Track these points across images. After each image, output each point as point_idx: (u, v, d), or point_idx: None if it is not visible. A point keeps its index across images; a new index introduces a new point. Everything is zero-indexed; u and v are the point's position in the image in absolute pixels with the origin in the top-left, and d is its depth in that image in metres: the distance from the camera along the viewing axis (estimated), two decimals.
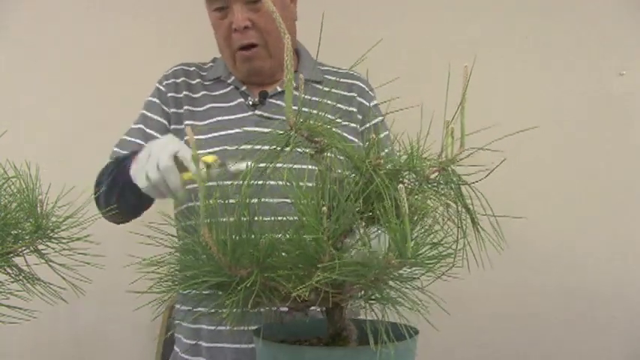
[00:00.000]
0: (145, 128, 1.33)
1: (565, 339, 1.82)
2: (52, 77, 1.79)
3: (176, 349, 1.33)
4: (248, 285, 0.76)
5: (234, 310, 0.79)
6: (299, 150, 0.82)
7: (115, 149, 1.34)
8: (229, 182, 0.86)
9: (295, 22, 1.37)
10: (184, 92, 1.34)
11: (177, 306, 1.33)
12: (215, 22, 1.30)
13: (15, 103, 1.79)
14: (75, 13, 1.82)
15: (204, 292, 0.85)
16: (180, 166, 1.01)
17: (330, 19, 0.85)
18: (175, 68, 1.39)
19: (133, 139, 1.32)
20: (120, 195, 1.15)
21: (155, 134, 1.31)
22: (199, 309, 1.14)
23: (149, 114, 1.34)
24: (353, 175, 0.83)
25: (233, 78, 1.35)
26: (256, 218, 0.81)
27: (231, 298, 0.76)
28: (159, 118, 1.34)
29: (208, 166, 1.02)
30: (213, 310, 0.83)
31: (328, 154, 0.83)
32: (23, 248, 0.83)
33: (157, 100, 1.35)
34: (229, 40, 1.28)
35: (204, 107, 1.32)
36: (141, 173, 1.02)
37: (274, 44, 1.29)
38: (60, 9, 1.81)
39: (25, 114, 1.78)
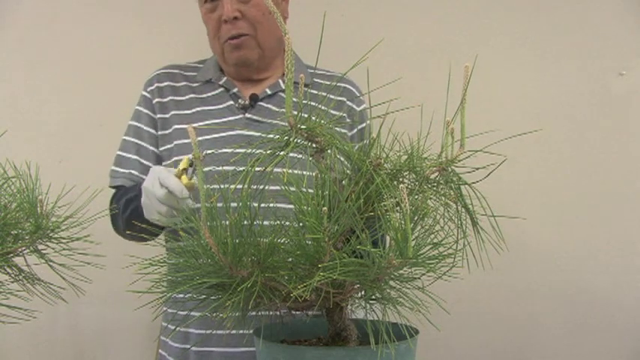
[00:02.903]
0: (137, 141, 1.35)
1: (565, 339, 1.82)
2: (52, 77, 1.79)
3: (162, 352, 1.33)
4: (249, 285, 0.75)
5: (234, 311, 0.79)
6: (298, 156, 0.82)
7: (114, 168, 1.36)
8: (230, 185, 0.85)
9: (286, 19, 1.38)
10: (170, 97, 1.34)
11: (165, 308, 1.32)
12: (205, 15, 1.31)
13: (15, 103, 1.78)
14: (75, 13, 1.82)
15: (195, 297, 0.85)
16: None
17: (330, 20, 0.85)
18: (158, 72, 1.39)
19: (128, 155, 1.34)
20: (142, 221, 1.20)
21: (147, 146, 1.34)
22: (192, 313, 1.16)
23: (139, 124, 1.36)
24: (353, 175, 0.83)
25: (224, 79, 1.34)
26: (257, 221, 0.81)
27: (231, 298, 0.76)
28: (149, 129, 1.35)
29: (186, 169, 1.11)
30: (208, 313, 0.83)
31: (328, 154, 0.83)
32: (23, 248, 0.83)
33: (144, 109, 1.36)
34: (219, 32, 1.29)
35: (193, 110, 1.32)
36: (152, 214, 1.11)
37: (263, 35, 1.29)
38: (60, 9, 1.81)
39: (25, 114, 1.78)
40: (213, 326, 1.19)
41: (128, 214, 1.23)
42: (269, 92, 1.32)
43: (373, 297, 0.84)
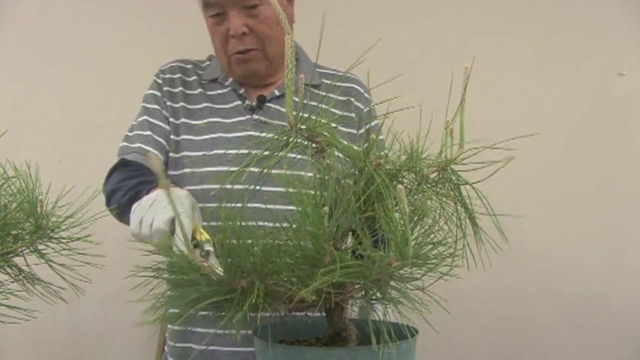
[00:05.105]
0: (149, 119, 1.31)
1: (565, 339, 1.82)
2: (52, 77, 1.79)
3: (166, 349, 1.33)
4: (252, 298, 0.75)
5: (240, 323, 0.78)
6: (299, 156, 0.82)
7: (124, 144, 1.30)
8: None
9: (293, 24, 1.37)
10: (180, 88, 1.34)
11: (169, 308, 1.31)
12: (211, 27, 1.29)
13: (15, 103, 1.78)
14: (75, 13, 1.82)
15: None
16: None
17: (330, 20, 0.85)
18: (172, 64, 1.38)
19: (140, 132, 1.30)
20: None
21: (159, 124, 1.30)
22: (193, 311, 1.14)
23: (150, 105, 1.33)
24: (353, 175, 0.83)
25: (231, 80, 1.34)
26: (254, 223, 0.81)
27: (236, 311, 0.75)
28: (160, 109, 1.32)
29: (197, 243, 0.92)
30: (210, 313, 0.83)
31: (328, 154, 0.83)
32: (23, 248, 0.83)
33: (157, 92, 1.34)
34: (226, 46, 1.28)
35: (201, 106, 1.32)
36: (136, 219, 0.99)
37: (271, 48, 1.28)
38: (60, 9, 1.81)
39: (25, 114, 1.78)
40: (216, 326, 1.19)
41: (128, 198, 1.14)
42: (277, 93, 1.32)
43: (374, 297, 0.83)
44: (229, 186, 0.89)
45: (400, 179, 0.83)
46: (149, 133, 1.29)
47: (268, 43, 1.27)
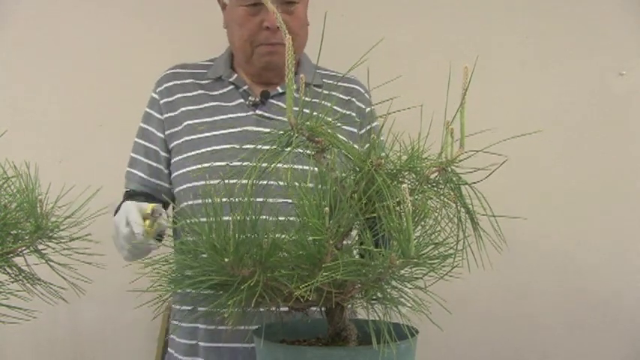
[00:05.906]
0: (146, 143, 1.36)
1: (565, 339, 1.82)
2: (52, 77, 1.79)
3: (170, 350, 1.33)
4: (251, 285, 0.75)
5: (236, 309, 0.79)
6: (300, 150, 0.82)
7: (128, 169, 1.38)
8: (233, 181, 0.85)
9: (308, 26, 1.38)
10: (177, 95, 1.35)
11: (175, 306, 1.32)
12: (243, 16, 1.28)
13: (15, 103, 1.78)
14: (75, 13, 1.82)
15: (202, 292, 0.84)
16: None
17: (330, 20, 0.85)
18: (166, 72, 1.40)
19: (138, 157, 1.36)
20: None
21: (155, 148, 1.35)
22: (198, 309, 1.15)
23: (147, 127, 1.37)
24: (354, 175, 0.84)
25: (235, 76, 1.34)
26: (259, 218, 0.81)
27: (233, 298, 0.76)
28: (156, 132, 1.36)
29: (152, 215, 1.13)
30: (212, 310, 0.83)
31: (329, 154, 0.83)
32: (23, 248, 0.83)
33: (153, 112, 1.37)
34: (256, 37, 1.28)
35: (203, 105, 1.32)
36: (120, 250, 1.18)
37: (297, 46, 1.30)
38: (60, 9, 1.81)
39: (25, 114, 1.78)
40: (220, 322, 1.19)
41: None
42: (280, 91, 1.33)
43: (374, 297, 0.84)
44: (233, 181, 0.90)
45: (401, 179, 0.83)
46: (145, 160, 1.36)
47: (296, 40, 1.28)
